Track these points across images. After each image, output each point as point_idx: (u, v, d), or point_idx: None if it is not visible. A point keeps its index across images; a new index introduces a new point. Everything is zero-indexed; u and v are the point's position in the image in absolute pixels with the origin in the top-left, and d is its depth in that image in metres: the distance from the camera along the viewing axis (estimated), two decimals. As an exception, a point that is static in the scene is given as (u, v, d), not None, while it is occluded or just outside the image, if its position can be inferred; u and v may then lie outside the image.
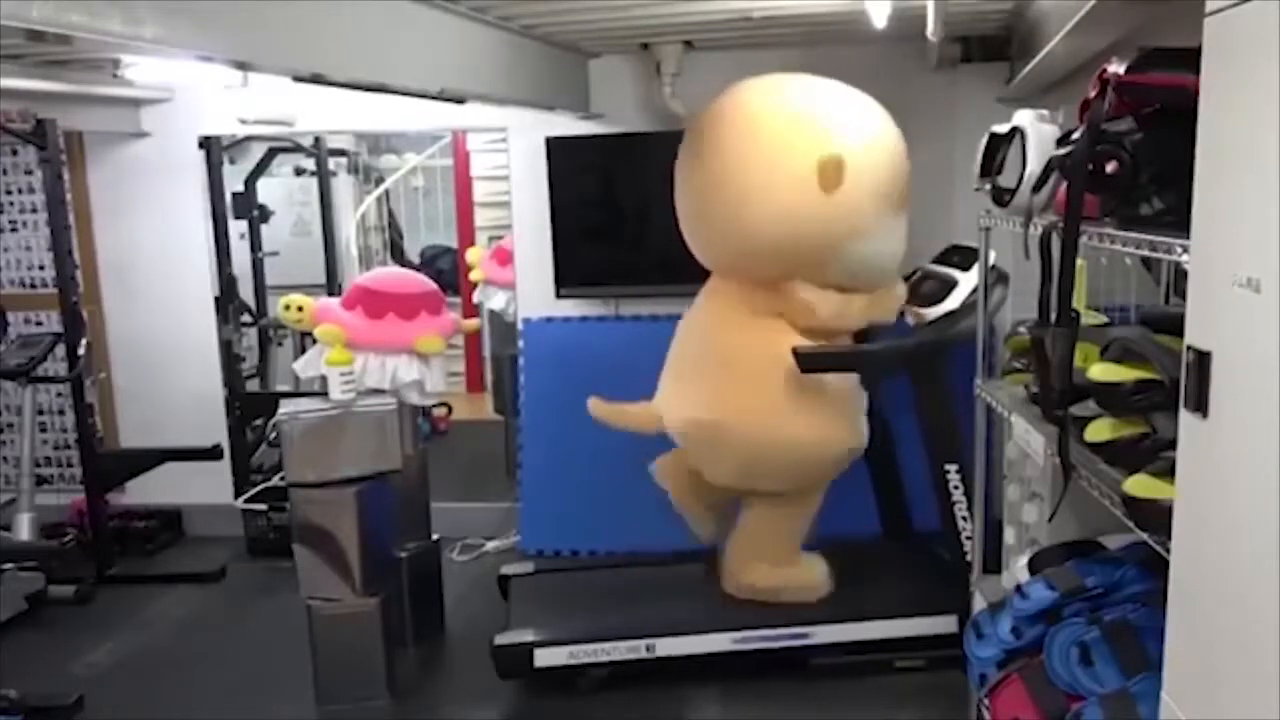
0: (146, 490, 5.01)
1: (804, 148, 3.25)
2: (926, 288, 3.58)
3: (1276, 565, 1.23)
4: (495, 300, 5.16)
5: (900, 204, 3.42)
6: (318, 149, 6.35)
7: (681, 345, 3.70)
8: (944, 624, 3.47)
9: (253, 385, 5.65)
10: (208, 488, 4.96)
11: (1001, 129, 2.53)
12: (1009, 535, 2.91)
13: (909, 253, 3.65)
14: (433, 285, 3.78)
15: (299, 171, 6.88)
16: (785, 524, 3.69)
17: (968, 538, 3.41)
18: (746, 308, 3.50)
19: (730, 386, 3.49)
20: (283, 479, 3.69)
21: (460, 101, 3.34)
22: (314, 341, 3.61)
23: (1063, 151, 2.01)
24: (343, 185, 7.01)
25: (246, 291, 5.75)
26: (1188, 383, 1.44)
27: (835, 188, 3.23)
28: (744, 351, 3.49)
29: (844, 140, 3.27)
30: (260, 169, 6.10)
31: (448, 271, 7.39)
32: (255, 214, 5.91)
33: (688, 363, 3.66)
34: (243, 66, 2.46)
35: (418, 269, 6.45)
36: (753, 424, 3.45)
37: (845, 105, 3.38)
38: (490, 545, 4.84)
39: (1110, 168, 1.79)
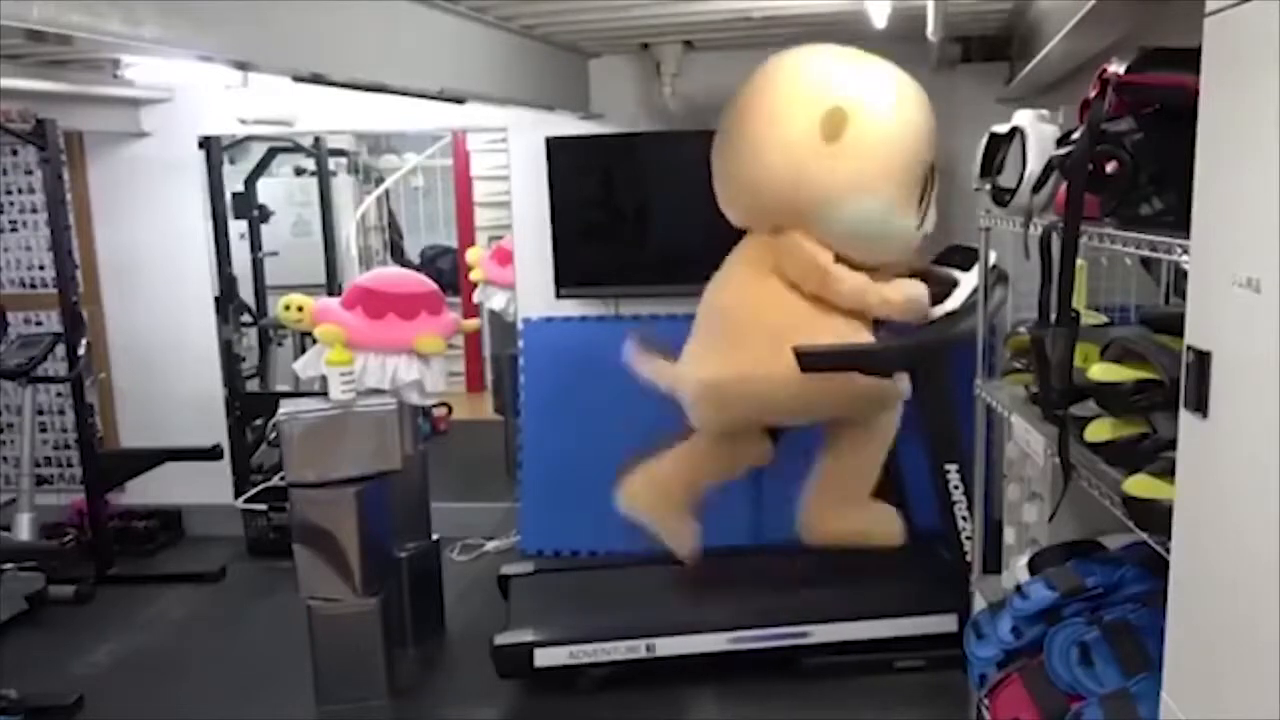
0: (146, 490, 5.01)
1: (810, 97, 3.44)
2: (927, 288, 3.58)
3: (1276, 565, 1.23)
4: (495, 300, 5.16)
5: (912, 178, 3.48)
6: (318, 149, 6.35)
7: (705, 308, 3.76)
8: (944, 624, 3.47)
9: (253, 385, 5.65)
10: (208, 488, 4.96)
11: (1001, 129, 2.53)
12: (1009, 535, 2.91)
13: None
14: (433, 285, 3.78)
15: (299, 171, 6.88)
16: (861, 466, 3.78)
17: (968, 538, 3.41)
18: (765, 269, 3.57)
19: (741, 343, 3.55)
20: (283, 479, 3.69)
21: (460, 101, 3.34)
22: (314, 341, 3.61)
23: (1063, 151, 2.01)
24: (343, 185, 7.01)
25: (246, 291, 5.75)
26: (1188, 383, 1.44)
27: (836, 138, 3.38)
28: (754, 310, 3.58)
29: (851, 96, 3.42)
30: (260, 169, 6.10)
31: (448, 271, 7.40)
32: (255, 214, 5.91)
33: (703, 324, 3.73)
34: (243, 66, 2.45)
35: (418, 269, 6.45)
36: (760, 379, 3.50)
37: (863, 68, 3.53)
38: (490, 545, 4.84)
39: (1110, 168, 1.79)
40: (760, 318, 3.56)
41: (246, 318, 5.70)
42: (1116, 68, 1.79)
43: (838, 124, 3.37)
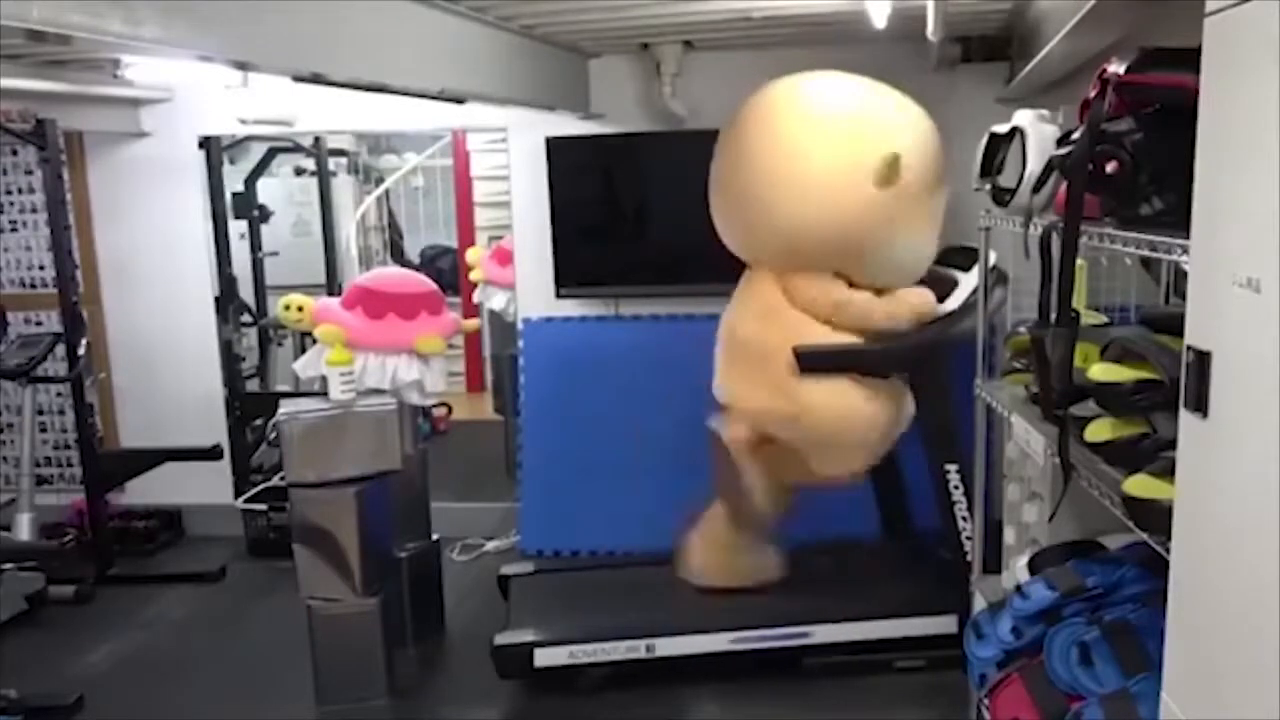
0: (146, 490, 5.01)
1: (867, 144, 3.29)
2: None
3: (1276, 565, 1.23)
4: (495, 300, 5.16)
5: (941, 210, 3.46)
6: (318, 149, 6.34)
7: (729, 341, 3.66)
8: (944, 624, 3.47)
9: (253, 385, 5.64)
10: (208, 488, 4.97)
11: (1001, 129, 2.53)
12: (1009, 535, 2.91)
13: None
14: (433, 285, 3.78)
15: (299, 171, 6.88)
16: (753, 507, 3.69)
17: (968, 538, 3.41)
18: (784, 300, 3.49)
19: (791, 381, 3.46)
20: (283, 479, 3.69)
21: (460, 101, 3.34)
22: (314, 341, 3.61)
23: (1063, 151, 2.01)
24: (343, 185, 7.00)
25: (246, 291, 5.75)
26: (1188, 383, 1.44)
27: (891, 184, 3.27)
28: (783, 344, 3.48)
29: (902, 139, 3.31)
30: (260, 169, 6.10)
31: (448, 271, 7.39)
32: (255, 214, 5.91)
33: (739, 356, 3.62)
34: (243, 66, 2.46)
35: (418, 269, 6.45)
36: (823, 413, 3.43)
37: (898, 104, 3.42)
38: (490, 545, 4.84)
39: (1110, 168, 1.79)
40: (782, 348, 3.45)
41: (246, 318, 5.70)
42: (1116, 68, 1.79)
43: (894, 171, 3.25)
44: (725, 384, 3.62)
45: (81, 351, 4.48)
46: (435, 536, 4.06)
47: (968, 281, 3.42)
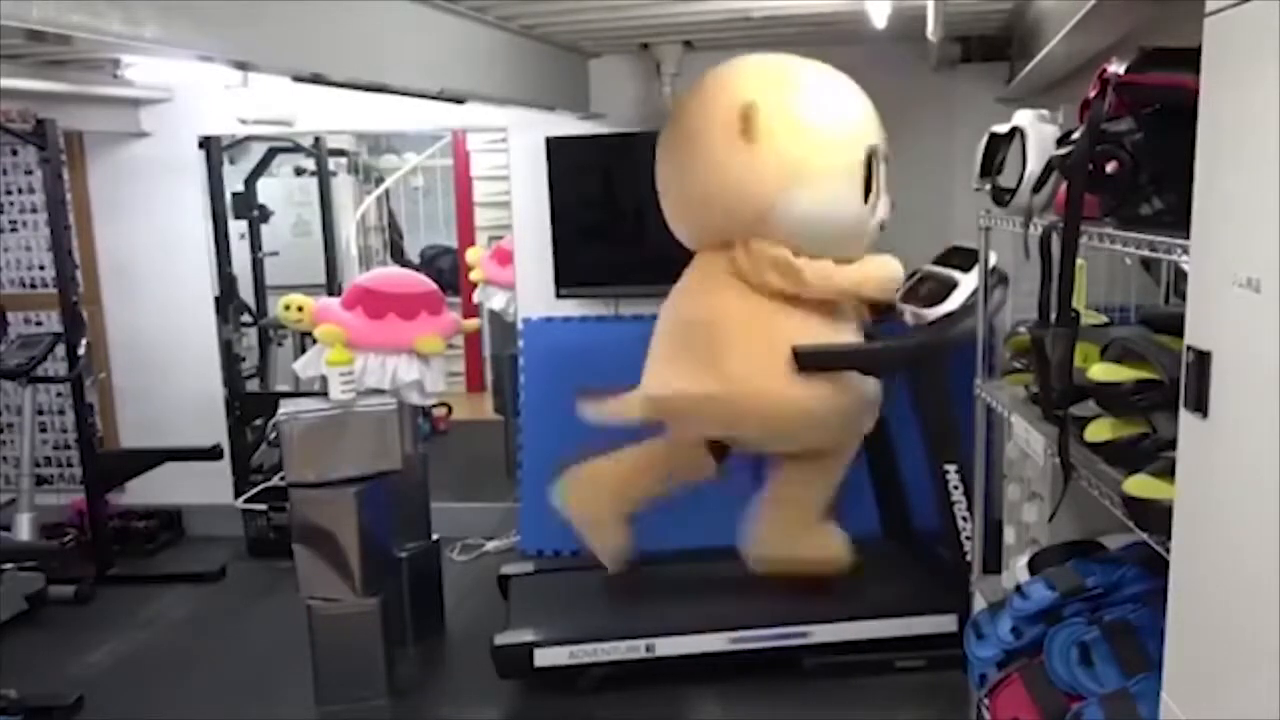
0: (146, 490, 5.01)
1: (724, 100, 3.43)
2: (927, 289, 3.59)
3: (1276, 565, 1.23)
4: (495, 300, 5.16)
5: (844, 165, 3.40)
6: (318, 149, 6.35)
7: (666, 324, 3.70)
8: (944, 624, 3.47)
9: (253, 385, 5.65)
10: (208, 488, 4.96)
11: (1001, 129, 2.53)
12: (1009, 535, 2.91)
13: (911, 254, 3.64)
14: (433, 285, 3.78)
15: (299, 171, 6.88)
16: (816, 493, 3.70)
17: (968, 538, 3.41)
18: (730, 279, 3.50)
19: (722, 356, 3.47)
20: (283, 479, 3.69)
21: (460, 101, 3.34)
22: (314, 341, 3.61)
23: (1063, 151, 2.01)
24: (343, 185, 7.01)
25: (246, 291, 5.75)
26: (1188, 383, 1.44)
27: (754, 135, 3.34)
28: (730, 320, 3.49)
29: (760, 89, 3.40)
30: (260, 169, 6.10)
31: (448, 271, 7.39)
32: (255, 214, 5.91)
33: (675, 340, 3.64)
34: (243, 66, 2.45)
35: (418, 269, 6.45)
36: (751, 390, 3.44)
37: (774, 64, 3.54)
38: (490, 545, 4.84)
39: (1110, 168, 1.79)
40: (751, 329, 3.46)
41: (246, 318, 5.71)
42: (1116, 68, 1.79)
43: (752, 119, 3.33)
44: (664, 376, 3.59)
45: (81, 351, 4.48)
46: (435, 536, 4.06)
47: (967, 282, 3.42)
